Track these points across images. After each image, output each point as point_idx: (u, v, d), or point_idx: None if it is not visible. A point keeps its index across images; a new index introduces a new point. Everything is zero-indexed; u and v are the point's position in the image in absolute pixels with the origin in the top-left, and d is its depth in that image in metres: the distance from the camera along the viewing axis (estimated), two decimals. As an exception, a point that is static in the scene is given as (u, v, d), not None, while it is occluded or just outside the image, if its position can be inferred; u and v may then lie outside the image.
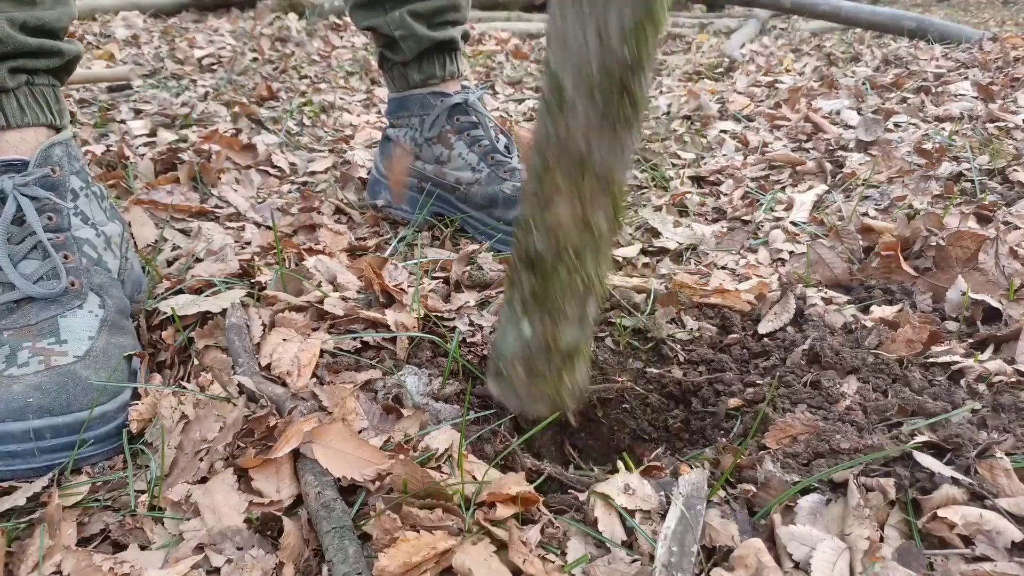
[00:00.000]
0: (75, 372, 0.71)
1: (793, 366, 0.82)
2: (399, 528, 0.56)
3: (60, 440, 0.67)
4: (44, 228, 0.78)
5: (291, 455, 0.66)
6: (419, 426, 0.72)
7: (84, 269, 0.80)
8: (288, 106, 2.16)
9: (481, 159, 1.24)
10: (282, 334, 0.84)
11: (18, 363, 0.70)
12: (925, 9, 6.51)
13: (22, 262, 0.76)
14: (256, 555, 0.58)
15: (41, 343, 0.72)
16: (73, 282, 0.78)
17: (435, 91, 1.27)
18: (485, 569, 0.53)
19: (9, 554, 0.59)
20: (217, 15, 4.22)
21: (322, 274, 1.01)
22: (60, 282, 0.77)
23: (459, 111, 1.26)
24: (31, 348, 0.72)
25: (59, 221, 0.80)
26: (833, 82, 2.43)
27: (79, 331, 0.75)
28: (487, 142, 1.25)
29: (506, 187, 1.20)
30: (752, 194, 1.45)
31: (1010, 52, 2.70)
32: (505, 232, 1.19)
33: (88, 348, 0.74)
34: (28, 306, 0.75)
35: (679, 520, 0.58)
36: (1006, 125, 1.75)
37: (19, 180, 0.78)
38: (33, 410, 0.66)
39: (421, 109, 1.28)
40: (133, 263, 0.92)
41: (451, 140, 1.26)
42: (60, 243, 0.79)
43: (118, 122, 1.86)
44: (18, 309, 0.75)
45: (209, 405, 0.74)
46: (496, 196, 1.20)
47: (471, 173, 1.23)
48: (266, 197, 1.44)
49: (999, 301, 0.90)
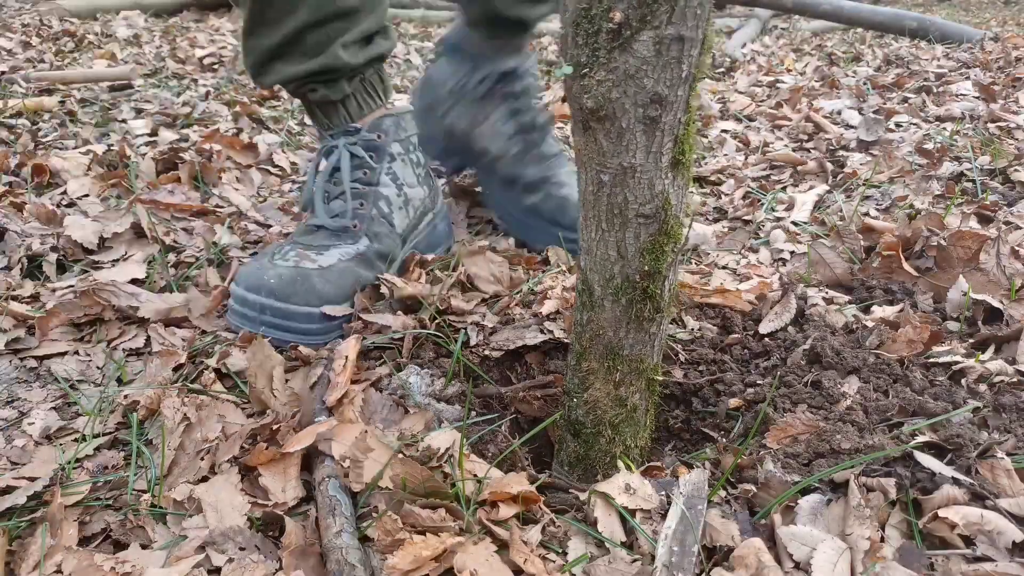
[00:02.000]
0: (308, 275, 0.90)
1: (794, 366, 0.82)
2: (400, 529, 0.56)
3: (274, 319, 0.87)
4: (354, 179, 1.00)
5: (300, 456, 0.67)
6: (424, 425, 0.72)
7: (370, 218, 1.00)
8: (289, 105, 2.16)
9: (516, 133, 1.19)
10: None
11: (282, 256, 0.92)
12: (926, 9, 6.51)
13: (333, 201, 1.00)
14: (257, 558, 0.58)
15: (307, 252, 0.94)
16: (356, 224, 0.99)
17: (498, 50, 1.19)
18: (486, 568, 0.53)
19: (10, 553, 0.59)
20: (218, 14, 4.22)
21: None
22: (345, 221, 0.98)
23: (512, 76, 1.18)
24: (298, 253, 0.93)
25: (370, 176, 1.01)
26: (834, 82, 2.43)
27: (336, 255, 0.95)
28: (527, 118, 1.20)
29: (530, 172, 1.17)
30: (753, 194, 1.45)
31: (1011, 52, 2.70)
32: (520, 219, 1.17)
33: (331, 264, 0.93)
34: (319, 232, 0.98)
35: (680, 520, 0.58)
36: (1007, 125, 1.75)
37: (348, 140, 1.01)
38: (266, 289, 0.87)
39: (474, 61, 1.19)
40: (437, 225, 1.13)
41: (494, 104, 1.19)
42: (362, 193, 1.00)
43: (119, 121, 1.86)
44: (315, 232, 0.98)
45: (211, 405, 0.74)
46: (518, 178, 1.17)
47: (503, 144, 1.19)
48: (267, 196, 1.44)
49: (1000, 301, 0.90)
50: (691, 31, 0.50)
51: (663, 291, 0.62)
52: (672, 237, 0.59)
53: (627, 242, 0.59)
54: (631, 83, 0.51)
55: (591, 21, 0.50)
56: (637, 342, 0.64)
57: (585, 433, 0.69)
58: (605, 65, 0.51)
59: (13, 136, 1.66)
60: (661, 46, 0.50)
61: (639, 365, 0.65)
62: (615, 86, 0.52)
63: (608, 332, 0.64)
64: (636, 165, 0.55)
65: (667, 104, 0.52)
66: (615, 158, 0.55)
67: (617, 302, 0.62)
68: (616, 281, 0.61)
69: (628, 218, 0.58)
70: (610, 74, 0.51)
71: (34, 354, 0.89)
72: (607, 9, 0.49)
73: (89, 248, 1.10)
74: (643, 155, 0.55)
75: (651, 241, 0.59)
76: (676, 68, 0.51)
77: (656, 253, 0.59)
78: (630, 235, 0.59)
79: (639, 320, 0.63)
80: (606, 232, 0.60)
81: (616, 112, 0.53)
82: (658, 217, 0.58)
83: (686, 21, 0.49)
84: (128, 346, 0.91)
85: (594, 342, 0.66)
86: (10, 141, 1.63)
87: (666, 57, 0.50)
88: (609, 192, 0.57)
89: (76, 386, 0.84)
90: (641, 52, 0.50)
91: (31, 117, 1.83)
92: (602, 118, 0.54)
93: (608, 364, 0.66)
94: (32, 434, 0.75)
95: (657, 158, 0.55)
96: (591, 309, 0.64)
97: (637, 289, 0.61)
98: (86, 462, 0.70)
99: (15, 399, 0.82)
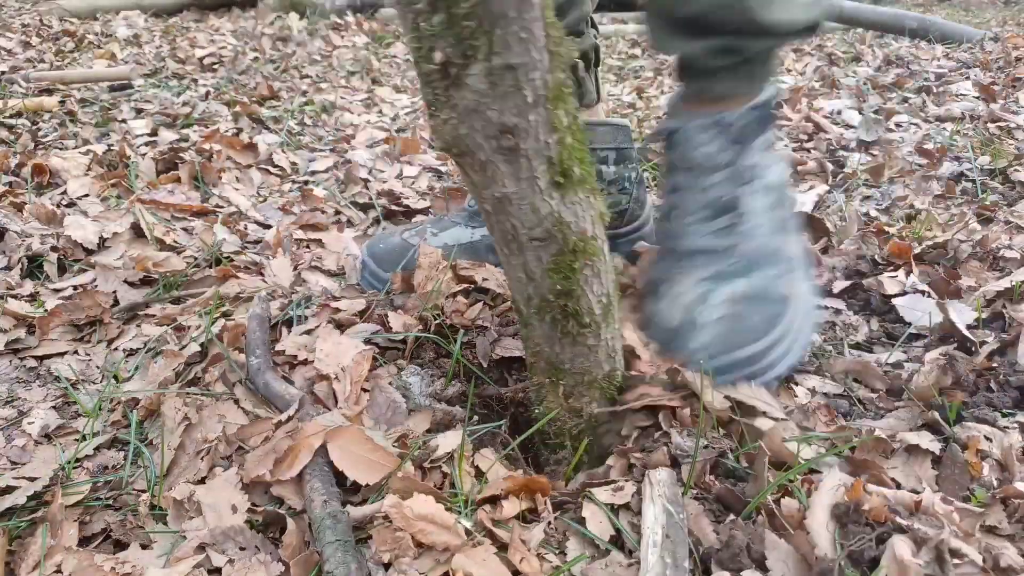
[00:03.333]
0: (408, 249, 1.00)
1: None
2: (399, 539, 0.56)
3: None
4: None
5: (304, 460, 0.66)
6: (427, 425, 0.73)
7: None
8: (289, 105, 2.16)
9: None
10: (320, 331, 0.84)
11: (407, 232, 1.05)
12: (927, 9, 6.50)
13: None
14: (258, 558, 0.58)
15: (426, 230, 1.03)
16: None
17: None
18: (483, 570, 0.53)
19: (10, 553, 0.59)
20: (218, 14, 4.22)
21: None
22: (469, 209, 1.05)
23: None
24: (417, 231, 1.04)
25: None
26: (834, 82, 2.43)
27: (443, 239, 1.02)
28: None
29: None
30: (753, 194, 1.45)
31: (1012, 52, 2.70)
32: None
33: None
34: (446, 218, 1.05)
35: (666, 530, 0.57)
36: (1007, 125, 1.75)
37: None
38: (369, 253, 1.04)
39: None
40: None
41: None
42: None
43: (119, 121, 1.86)
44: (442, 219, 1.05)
45: (212, 405, 0.74)
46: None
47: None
48: (267, 196, 1.44)
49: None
50: (520, 57, 0.48)
51: (584, 307, 0.61)
52: (581, 253, 0.58)
53: (530, 265, 0.58)
54: (476, 117, 0.50)
55: (423, 63, 0.49)
56: (577, 355, 0.63)
57: (550, 444, 0.69)
58: (446, 103, 0.50)
59: (13, 136, 1.66)
60: (493, 77, 0.48)
61: (585, 377, 0.65)
62: (461, 123, 0.50)
63: (545, 348, 0.64)
64: (509, 193, 0.54)
65: (520, 131, 0.51)
66: (487, 189, 0.54)
67: (542, 320, 0.62)
68: (534, 301, 0.61)
69: (522, 243, 0.57)
70: (453, 112, 0.50)
71: (34, 354, 0.89)
72: (430, 49, 0.48)
73: (89, 248, 1.10)
74: (513, 183, 0.53)
75: (554, 261, 0.58)
76: (517, 95, 0.49)
77: (564, 272, 0.58)
78: (531, 257, 0.58)
79: (569, 335, 0.62)
80: (509, 256, 0.59)
81: (471, 147, 0.52)
82: (553, 239, 0.56)
83: (511, 48, 0.47)
84: (128, 346, 0.91)
85: (536, 358, 0.65)
86: (10, 141, 1.63)
87: (503, 87, 0.48)
88: (496, 220, 0.56)
89: (78, 385, 0.84)
90: (476, 86, 0.48)
91: (31, 117, 1.83)
92: (460, 154, 0.53)
93: (552, 378, 0.65)
94: (32, 433, 0.75)
95: (532, 183, 0.53)
96: (524, 326, 0.64)
97: (555, 308, 0.60)
98: (86, 462, 0.70)
99: (15, 399, 0.82)
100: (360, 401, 0.75)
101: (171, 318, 0.94)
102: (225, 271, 1.04)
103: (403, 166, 1.64)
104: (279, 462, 0.65)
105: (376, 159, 1.66)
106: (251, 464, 0.65)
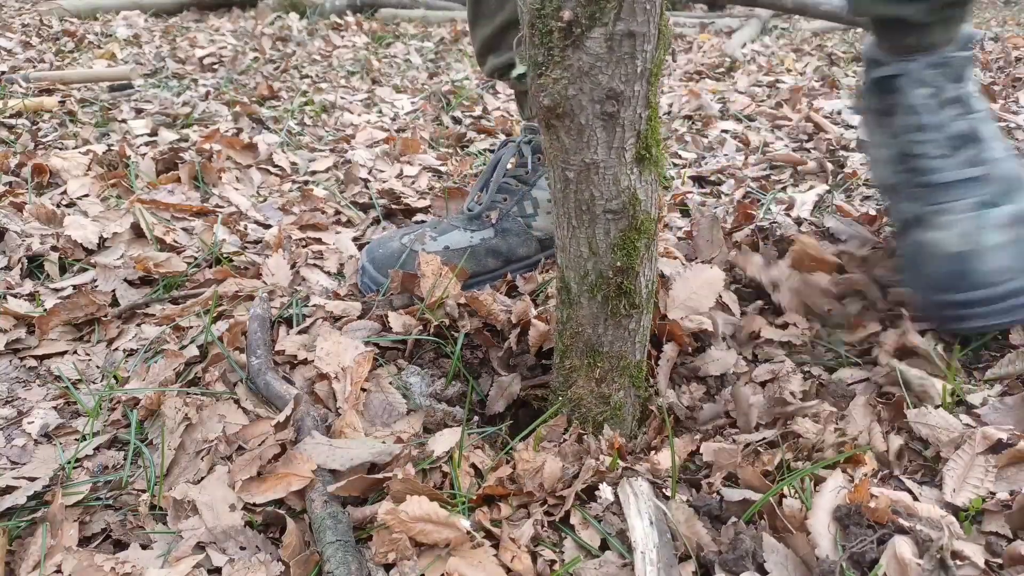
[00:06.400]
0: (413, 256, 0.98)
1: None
2: (399, 540, 0.56)
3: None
4: (513, 175, 1.04)
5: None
6: (424, 424, 0.72)
7: (506, 213, 1.04)
8: (289, 105, 2.16)
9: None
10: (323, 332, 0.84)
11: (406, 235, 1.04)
12: (926, 9, 6.49)
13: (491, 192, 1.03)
14: (258, 558, 0.58)
15: (427, 233, 1.02)
16: (488, 215, 1.04)
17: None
18: (479, 571, 0.53)
19: (10, 553, 0.59)
20: (218, 14, 4.22)
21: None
22: (482, 209, 1.05)
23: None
24: (419, 235, 1.02)
25: (527, 177, 1.04)
26: (834, 82, 2.43)
27: (445, 241, 1.02)
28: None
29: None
30: (753, 194, 1.45)
31: (1011, 52, 2.70)
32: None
33: (435, 251, 0.99)
34: (462, 216, 1.05)
35: (657, 545, 0.56)
36: (1007, 125, 1.75)
37: (522, 139, 1.04)
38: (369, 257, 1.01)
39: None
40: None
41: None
42: (511, 189, 1.05)
43: (119, 121, 1.86)
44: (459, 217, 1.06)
45: (212, 405, 0.74)
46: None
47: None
48: (267, 196, 1.44)
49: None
50: (641, 27, 0.50)
51: (638, 287, 0.62)
52: (643, 232, 0.59)
53: (597, 238, 0.59)
54: (586, 80, 0.52)
55: (544, 21, 0.51)
56: (616, 339, 0.65)
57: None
58: (560, 63, 0.52)
59: (13, 136, 1.66)
60: (613, 42, 0.51)
61: (620, 362, 0.66)
62: (571, 83, 0.52)
63: (587, 329, 0.64)
64: (599, 161, 0.56)
65: (624, 100, 0.53)
66: (577, 155, 0.56)
67: (593, 299, 0.63)
68: (590, 278, 0.61)
69: (596, 214, 0.58)
70: (565, 72, 0.52)
71: (34, 353, 0.89)
72: (557, 8, 0.50)
73: (89, 248, 1.10)
74: (605, 151, 0.55)
75: (621, 237, 0.59)
76: (630, 64, 0.52)
77: (627, 249, 0.60)
78: (600, 231, 0.59)
79: (616, 316, 0.63)
80: (576, 229, 0.60)
81: (574, 109, 0.53)
82: (626, 212, 0.58)
83: (635, 17, 0.50)
84: (128, 346, 0.91)
85: (575, 340, 0.66)
86: (10, 141, 1.63)
87: (619, 53, 0.51)
88: (575, 189, 0.58)
89: (78, 385, 0.84)
90: (594, 49, 0.51)
91: (31, 117, 1.83)
92: (561, 115, 0.54)
93: (589, 361, 0.66)
94: (32, 433, 0.75)
95: (620, 154, 0.55)
96: (569, 306, 0.65)
97: (611, 285, 0.61)
98: (86, 462, 0.70)
99: (15, 398, 0.82)
100: (360, 402, 0.75)
101: (171, 318, 0.94)
102: (225, 271, 1.04)
103: (403, 166, 1.64)
104: (271, 479, 0.64)
105: (376, 159, 1.66)
106: (237, 469, 0.65)
